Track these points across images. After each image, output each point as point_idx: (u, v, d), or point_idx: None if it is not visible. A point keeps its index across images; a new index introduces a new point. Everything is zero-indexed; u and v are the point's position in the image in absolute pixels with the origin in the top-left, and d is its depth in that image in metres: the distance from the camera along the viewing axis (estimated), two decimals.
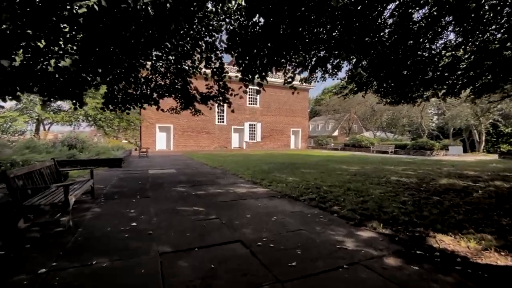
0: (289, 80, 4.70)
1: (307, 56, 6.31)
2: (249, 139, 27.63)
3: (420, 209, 4.35)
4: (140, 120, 20.99)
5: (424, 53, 8.25)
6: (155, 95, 5.02)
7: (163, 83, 5.41)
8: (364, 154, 21.09)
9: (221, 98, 5.21)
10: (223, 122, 26.37)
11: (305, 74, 7.01)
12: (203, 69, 4.90)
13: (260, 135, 28.08)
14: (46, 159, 9.53)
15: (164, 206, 4.47)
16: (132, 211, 4.14)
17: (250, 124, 27.65)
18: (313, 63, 6.77)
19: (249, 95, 27.46)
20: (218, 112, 26.01)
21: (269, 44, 4.41)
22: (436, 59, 8.20)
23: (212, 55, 4.77)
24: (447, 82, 8.55)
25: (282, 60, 4.38)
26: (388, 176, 8.08)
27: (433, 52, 8.15)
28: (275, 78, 28.56)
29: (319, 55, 6.47)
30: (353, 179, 7.47)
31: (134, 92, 4.45)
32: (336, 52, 6.62)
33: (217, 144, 26.18)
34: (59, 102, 23.52)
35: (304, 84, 7.11)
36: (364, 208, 4.37)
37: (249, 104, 27.57)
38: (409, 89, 9.31)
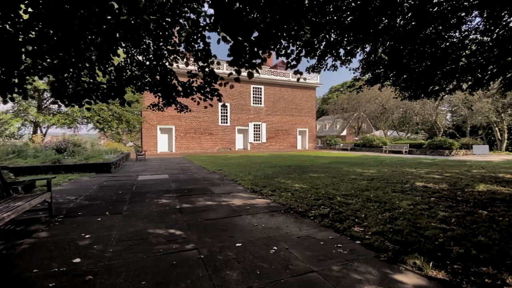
0: (293, 63, 3.67)
1: (315, 39, 5.27)
2: (254, 140, 26.60)
3: (473, 232, 3.22)
4: (139, 121, 20.22)
5: (446, 42, 7.19)
6: (128, 88, 4.07)
7: (139, 73, 4.44)
8: (376, 154, 19.75)
9: (208, 89, 4.19)
10: (226, 122, 25.43)
11: (313, 62, 5.96)
12: (183, 50, 3.91)
13: (265, 135, 27.01)
14: (30, 164, 8.74)
15: (133, 228, 3.47)
16: (87, 236, 3.15)
17: (254, 125, 26.62)
18: (322, 47, 5.71)
19: (253, 94, 26.45)
20: (221, 112, 25.09)
21: (265, 16, 3.37)
22: (462, 46, 7.10)
23: (197, 36, 3.75)
24: (478, 71, 7.39)
25: (284, 34, 3.35)
26: (411, 181, 6.90)
27: (455, 39, 7.07)
28: (280, 76, 27.50)
29: (329, 38, 5.41)
30: (371, 185, 6.34)
31: (92, 81, 3.48)
32: (349, 35, 5.56)
33: (221, 146, 25.25)
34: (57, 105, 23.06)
35: (312, 74, 6.05)
36: (395, 231, 3.27)
37: (253, 103, 26.55)
38: (430, 81, 8.17)
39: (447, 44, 6.98)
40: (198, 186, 6.61)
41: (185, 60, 3.94)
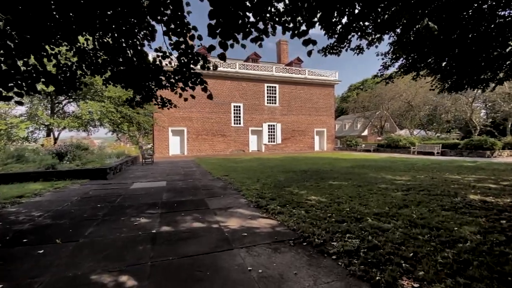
0: (303, 29, 2.50)
1: (335, 11, 4.03)
2: (268, 141, 25.36)
3: None
4: (149, 123, 19.71)
5: (497, 19, 5.75)
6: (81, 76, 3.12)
7: (106, 57, 3.46)
8: (404, 156, 17.79)
9: (187, 73, 3.11)
10: (239, 123, 24.41)
11: (331, 41, 4.70)
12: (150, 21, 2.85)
13: (280, 136, 25.69)
14: (23, 169, 8.17)
15: (73, 271, 2.43)
16: None
17: (269, 125, 25.39)
18: (343, 22, 4.44)
19: (267, 93, 25.25)
20: (234, 113, 24.12)
21: None
22: None
23: None
24: None
25: None
26: (462, 193, 5.39)
27: (507, 18, 5.62)
28: (295, 73, 26.13)
29: (352, 10, 4.15)
30: (409, 199, 4.94)
31: (12, 63, 2.52)
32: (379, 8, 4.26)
33: (234, 147, 24.27)
34: (72, 108, 23.28)
35: (329, 55, 4.79)
36: None
37: (267, 103, 25.34)
38: (479, 68, 6.61)
39: (498, 22, 5.51)
40: (193, 197, 5.55)
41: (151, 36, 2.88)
